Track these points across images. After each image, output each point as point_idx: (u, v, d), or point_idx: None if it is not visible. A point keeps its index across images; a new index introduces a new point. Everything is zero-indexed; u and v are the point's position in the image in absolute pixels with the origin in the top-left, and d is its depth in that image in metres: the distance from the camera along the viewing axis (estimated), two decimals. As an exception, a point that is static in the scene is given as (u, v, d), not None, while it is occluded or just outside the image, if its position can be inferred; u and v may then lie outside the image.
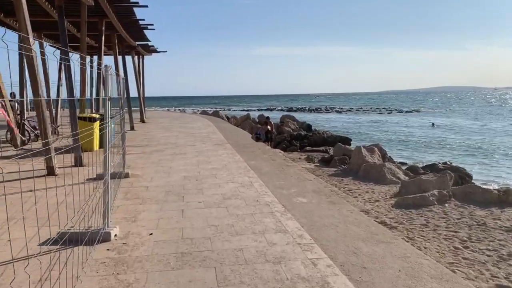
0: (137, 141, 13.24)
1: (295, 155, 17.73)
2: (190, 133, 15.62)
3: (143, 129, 17.51)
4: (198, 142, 12.86)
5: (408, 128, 33.81)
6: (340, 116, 52.15)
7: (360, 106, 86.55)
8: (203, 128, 18.27)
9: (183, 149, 11.22)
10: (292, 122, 25.50)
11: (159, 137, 14.25)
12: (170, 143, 12.61)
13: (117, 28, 13.89)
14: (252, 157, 9.67)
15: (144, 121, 21.56)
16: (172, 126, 19.35)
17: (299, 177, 7.42)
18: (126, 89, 17.31)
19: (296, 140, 21.14)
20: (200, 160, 9.23)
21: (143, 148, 11.36)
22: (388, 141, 25.28)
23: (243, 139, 14.22)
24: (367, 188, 9.52)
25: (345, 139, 20.47)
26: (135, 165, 8.70)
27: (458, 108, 70.41)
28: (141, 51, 21.33)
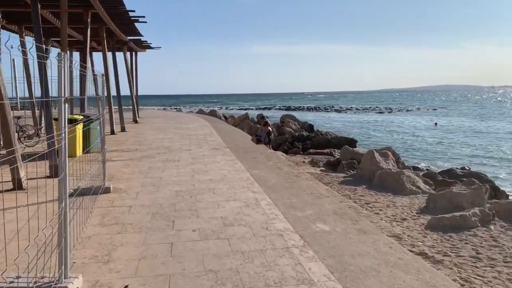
0: (126, 144, 12.03)
1: (298, 158, 16.57)
2: (185, 135, 14.42)
3: (135, 130, 16.28)
4: (194, 145, 11.67)
5: (411, 129, 32.71)
6: (341, 116, 51.04)
7: (360, 105, 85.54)
8: (200, 129, 17.07)
9: (177, 154, 10.02)
10: (293, 122, 24.33)
11: (152, 140, 13.04)
12: (163, 147, 11.41)
13: (105, 21, 12.65)
14: (255, 165, 8.50)
15: (137, 121, 20.33)
16: (167, 126, 18.13)
17: (313, 192, 6.25)
18: (116, 87, 16.10)
19: (298, 141, 19.98)
20: (195, 168, 8.04)
21: (132, 154, 10.15)
22: (393, 142, 24.16)
23: (242, 141, 13.04)
24: (386, 200, 8.35)
25: (351, 141, 19.33)
26: (120, 175, 7.50)
27: (459, 106, 69.50)
28: (134, 47, 20.08)
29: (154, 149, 10.91)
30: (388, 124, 36.70)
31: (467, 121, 39.52)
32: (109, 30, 14.43)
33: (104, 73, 14.41)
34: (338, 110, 64.70)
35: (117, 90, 16.11)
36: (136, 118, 20.38)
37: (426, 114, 52.00)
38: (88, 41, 11.56)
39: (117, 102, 16.45)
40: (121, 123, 15.92)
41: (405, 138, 25.97)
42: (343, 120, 43.09)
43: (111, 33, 15.13)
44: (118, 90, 16.09)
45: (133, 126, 18.14)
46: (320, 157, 16.98)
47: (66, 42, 9.67)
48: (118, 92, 16.13)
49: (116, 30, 14.16)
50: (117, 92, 16.15)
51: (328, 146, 18.77)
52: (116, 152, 10.48)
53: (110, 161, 9.07)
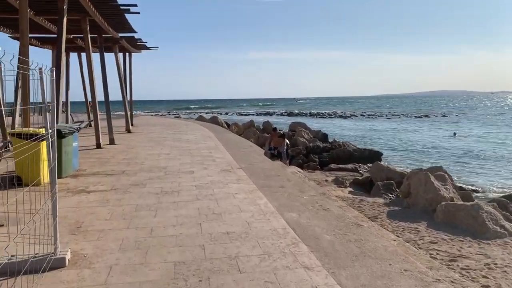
0: (112, 163, 9.53)
1: (319, 175, 14.09)
2: (186, 150, 11.93)
3: (126, 143, 13.78)
4: (197, 165, 9.19)
5: (429, 138, 30.26)
6: (348, 123, 48.57)
7: (363, 110, 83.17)
8: (202, 140, 14.58)
9: (176, 180, 7.54)
10: (304, 131, 21.85)
11: (145, 157, 10.55)
12: (158, 167, 8.92)
13: (87, 9, 10.21)
14: (287, 201, 6.02)
15: (130, 131, 17.83)
16: (164, 137, 15.64)
17: (406, 269, 3.75)
18: (104, 92, 13.61)
19: (313, 153, 17.52)
20: (203, 208, 5.56)
21: (116, 179, 7.65)
22: (417, 154, 21.72)
23: (256, 158, 10.56)
24: (474, 252, 5.87)
25: (375, 154, 16.86)
26: (91, 221, 5.01)
27: (470, 113, 67.12)
28: (127, 47, 17.63)
29: (146, 171, 8.41)
30: (402, 133, 34.25)
31: (489, 129, 37.10)
32: (95, 24, 11.99)
33: (88, 74, 11.96)
34: (343, 116, 62.29)
35: (105, 96, 13.64)
36: (129, 127, 17.88)
37: (438, 121, 49.63)
38: (62, 34, 9.11)
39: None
40: (109, 134, 13.43)
41: (427, 150, 23.49)
42: (351, 127, 40.64)
43: (99, 28, 12.69)
44: (106, 95, 13.62)
45: (124, 137, 15.64)
46: (344, 173, 14.53)
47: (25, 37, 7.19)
48: (106, 97, 13.66)
49: (102, 22, 11.70)
50: (105, 97, 13.67)
51: (350, 160, 16.31)
52: (95, 176, 7.98)
53: (84, 192, 6.59)
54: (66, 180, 7.57)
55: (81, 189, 6.82)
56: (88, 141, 14.02)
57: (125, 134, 17.19)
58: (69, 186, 7.05)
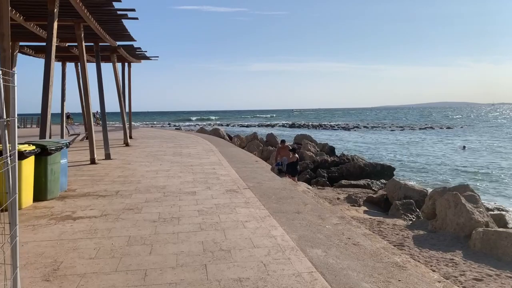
0: (105, 182, 8.62)
1: (330, 193, 13.15)
2: (187, 165, 11.03)
3: (123, 158, 12.89)
4: (200, 184, 8.28)
5: (438, 151, 29.36)
6: (352, 135, 47.67)
7: (366, 122, 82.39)
8: (204, 154, 13.69)
9: (176, 203, 6.63)
10: (311, 143, 20.94)
11: (142, 174, 9.64)
12: (156, 187, 8.01)
13: (82, 14, 9.42)
14: (307, 230, 5.09)
15: (128, 144, 16.95)
16: (163, 151, 14.76)
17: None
18: (101, 103, 12.77)
19: (321, 168, 16.60)
20: (207, 242, 4.64)
21: (108, 202, 6.74)
22: (429, 169, 20.79)
23: (264, 175, 9.64)
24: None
25: (388, 169, 15.93)
26: (70, 261, 4.08)
27: (475, 125, 66.27)
28: (126, 56, 16.85)
29: (142, 192, 7.50)
30: (410, 146, 33.34)
31: (497, 142, 36.20)
32: (91, 31, 11.21)
33: (83, 84, 11.12)
34: (346, 128, 61.46)
35: (101, 107, 12.80)
36: (127, 140, 17.00)
37: (444, 133, 48.74)
38: (52, 40, 8.27)
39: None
40: (105, 148, 12.54)
41: (441, 165, 22.53)
42: (356, 140, 39.74)
43: (95, 35, 11.91)
44: (103, 107, 12.78)
45: (122, 152, 14.76)
46: (356, 190, 13.59)
47: (7, 36, 6.36)
48: (102, 109, 12.81)
49: (98, 29, 10.91)
50: (101, 109, 12.83)
51: (361, 175, 15.38)
52: (85, 198, 7.07)
53: (70, 219, 5.68)
54: (52, 203, 6.66)
55: (66, 215, 5.90)
56: (82, 155, 13.15)
57: (123, 147, 16.31)
58: (54, 211, 6.14)
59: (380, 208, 11.74)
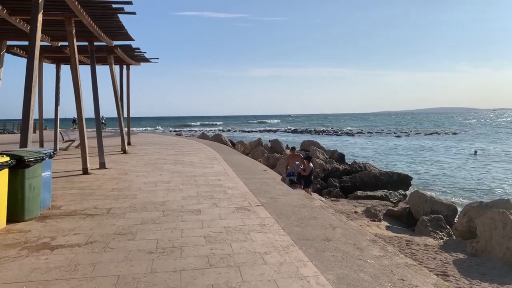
0: (96, 197, 7.52)
1: (345, 205, 12.03)
2: (190, 176, 9.93)
3: (120, 166, 11.80)
4: (205, 199, 7.18)
5: (451, 158, 28.24)
6: (358, 141, 46.49)
7: (370, 128, 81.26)
8: (208, 163, 12.59)
9: (177, 225, 5.53)
10: (319, 150, 19.83)
11: (139, 186, 8.55)
12: (154, 204, 6.91)
13: (73, 8, 8.38)
14: (345, 267, 3.99)
15: (126, 151, 15.86)
16: (164, 159, 13.67)
17: None
18: (95, 107, 11.72)
19: (333, 177, 15.49)
20: (219, 284, 3.54)
21: (97, 224, 5.63)
22: (446, 176, 19.66)
23: (277, 188, 8.53)
24: None
25: (405, 178, 14.81)
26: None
27: (480, 130, 65.12)
28: (124, 57, 15.80)
29: (138, 211, 6.40)
30: (420, 152, 32.19)
31: (506, 147, 35.07)
32: (84, 28, 10.18)
33: (74, 86, 10.07)
34: (350, 134, 60.35)
35: (95, 112, 11.74)
36: (125, 147, 15.92)
37: (451, 139, 47.62)
38: (36, 35, 7.21)
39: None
40: (99, 156, 11.46)
41: (456, 172, 21.39)
42: (363, 146, 38.62)
43: (89, 33, 10.87)
44: (97, 112, 11.72)
45: (119, 160, 13.67)
46: (374, 203, 12.47)
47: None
48: (96, 114, 11.75)
49: (92, 25, 9.86)
50: (96, 114, 11.76)
51: (376, 185, 14.26)
52: (70, 218, 5.97)
53: (47, 249, 4.59)
54: (29, 226, 5.56)
55: (43, 243, 4.81)
56: (75, 164, 12.07)
57: (120, 155, 15.23)
58: (29, 237, 5.04)
59: (402, 223, 10.64)
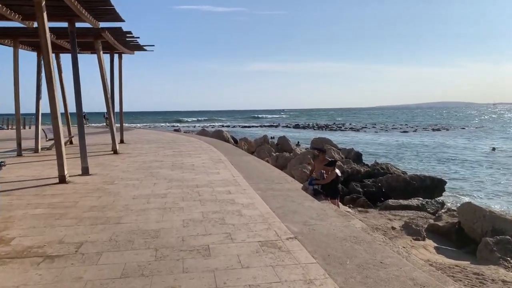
0: (66, 221, 5.54)
1: (378, 218, 10.08)
2: (191, 187, 7.95)
3: (106, 172, 9.81)
4: (215, 228, 5.21)
5: (469, 155, 26.38)
6: (364, 136, 44.54)
7: (373, 123, 79.24)
8: (212, 167, 10.62)
9: (177, 280, 3.57)
10: (335, 149, 17.83)
11: (125, 205, 6.56)
12: (143, 234, 4.95)
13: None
14: None
15: (117, 151, 13.87)
16: (160, 162, 11.68)
17: None
18: (77, 100, 9.73)
19: (354, 180, 13.55)
20: None
21: (51, 278, 3.66)
22: (477, 179, 17.75)
23: (307, 206, 6.56)
24: None
25: (438, 183, 12.85)
26: None
27: (489, 125, 63.21)
28: (114, 44, 13.72)
29: (120, 249, 4.44)
30: (434, 149, 30.28)
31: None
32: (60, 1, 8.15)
33: (46, 74, 8.05)
34: (354, 129, 58.38)
35: (77, 106, 9.75)
36: (115, 146, 13.91)
37: (460, 134, 45.74)
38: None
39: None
40: (82, 160, 9.48)
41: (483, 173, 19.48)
42: (371, 142, 36.67)
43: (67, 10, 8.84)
44: (79, 106, 9.72)
45: (107, 162, 11.68)
46: (410, 214, 10.53)
47: None
48: (78, 108, 9.75)
49: (68, -3, 7.81)
50: (77, 109, 9.77)
51: (406, 191, 12.33)
52: (17, 264, 4.00)
53: None
54: None
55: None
56: (54, 168, 10.01)
57: (110, 156, 13.23)
58: None
59: (450, 241, 8.74)
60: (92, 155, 13.45)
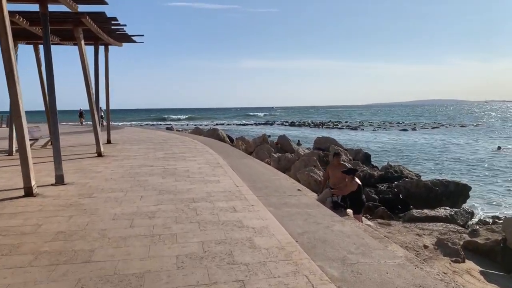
0: (16, 258, 4.03)
1: (403, 232, 8.67)
2: (187, 202, 6.47)
3: (86, 181, 8.28)
4: (222, 272, 3.72)
5: (477, 154, 25.26)
6: (363, 134, 43.24)
7: (370, 121, 78.07)
8: (211, 173, 9.14)
9: None
10: (342, 150, 16.37)
11: (101, 230, 5.06)
12: (121, 279, 3.46)
13: None
14: None
15: (102, 154, 12.32)
16: (149, 167, 10.17)
17: None
18: (49, 96, 8.18)
19: (367, 185, 12.15)
20: None
21: None
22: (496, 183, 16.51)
23: (335, 230, 5.13)
24: None
25: (463, 188, 11.49)
26: None
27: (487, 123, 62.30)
28: (98, 32, 12.11)
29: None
30: (438, 148, 29.05)
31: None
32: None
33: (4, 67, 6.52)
34: (351, 127, 57.10)
35: (50, 100, 8.19)
36: (100, 149, 12.36)
37: (461, 132, 44.70)
38: None
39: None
40: (55, 166, 7.95)
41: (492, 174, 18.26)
42: (371, 140, 35.36)
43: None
44: (53, 100, 8.17)
45: (89, 167, 10.14)
46: (440, 227, 9.14)
47: None
48: (52, 105, 8.19)
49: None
50: (51, 105, 8.20)
51: (428, 198, 10.97)
52: None
53: None
54: None
55: None
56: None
57: (94, 159, 11.69)
58: None
59: (496, 264, 7.38)
60: (73, 158, 11.93)
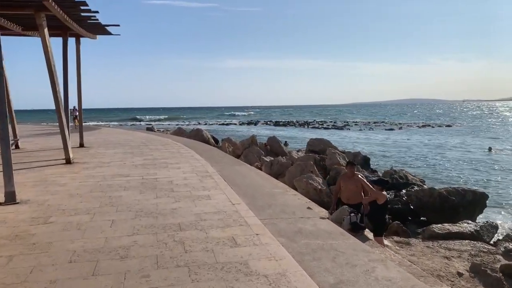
0: None
1: (428, 255, 7.40)
2: (171, 230, 5.00)
3: (45, 198, 6.70)
4: None
5: (469, 155, 24.52)
6: (350, 135, 42.21)
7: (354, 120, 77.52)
8: (199, 186, 7.66)
9: None
10: (339, 153, 15.08)
11: (49, 280, 3.55)
12: None
13: None
14: None
15: (71, 161, 10.68)
16: (125, 178, 8.61)
17: None
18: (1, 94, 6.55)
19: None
20: None
21: None
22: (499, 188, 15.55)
23: (380, 278, 3.79)
24: None
25: (481, 197, 10.33)
26: None
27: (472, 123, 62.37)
28: (66, 22, 10.44)
29: None
30: (431, 149, 28.19)
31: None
32: None
33: None
34: (337, 127, 56.18)
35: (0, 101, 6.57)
36: (68, 155, 10.70)
37: (449, 132, 44.29)
38: None
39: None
40: (6, 183, 6.35)
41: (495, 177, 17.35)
42: (361, 141, 34.32)
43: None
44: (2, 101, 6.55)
45: (53, 178, 8.51)
46: (466, 246, 7.91)
47: None
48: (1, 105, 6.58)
49: None
50: None
51: (443, 208, 9.76)
52: None
53: None
54: None
55: None
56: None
57: (61, 168, 10.04)
58: None
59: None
60: (36, 166, 10.27)
